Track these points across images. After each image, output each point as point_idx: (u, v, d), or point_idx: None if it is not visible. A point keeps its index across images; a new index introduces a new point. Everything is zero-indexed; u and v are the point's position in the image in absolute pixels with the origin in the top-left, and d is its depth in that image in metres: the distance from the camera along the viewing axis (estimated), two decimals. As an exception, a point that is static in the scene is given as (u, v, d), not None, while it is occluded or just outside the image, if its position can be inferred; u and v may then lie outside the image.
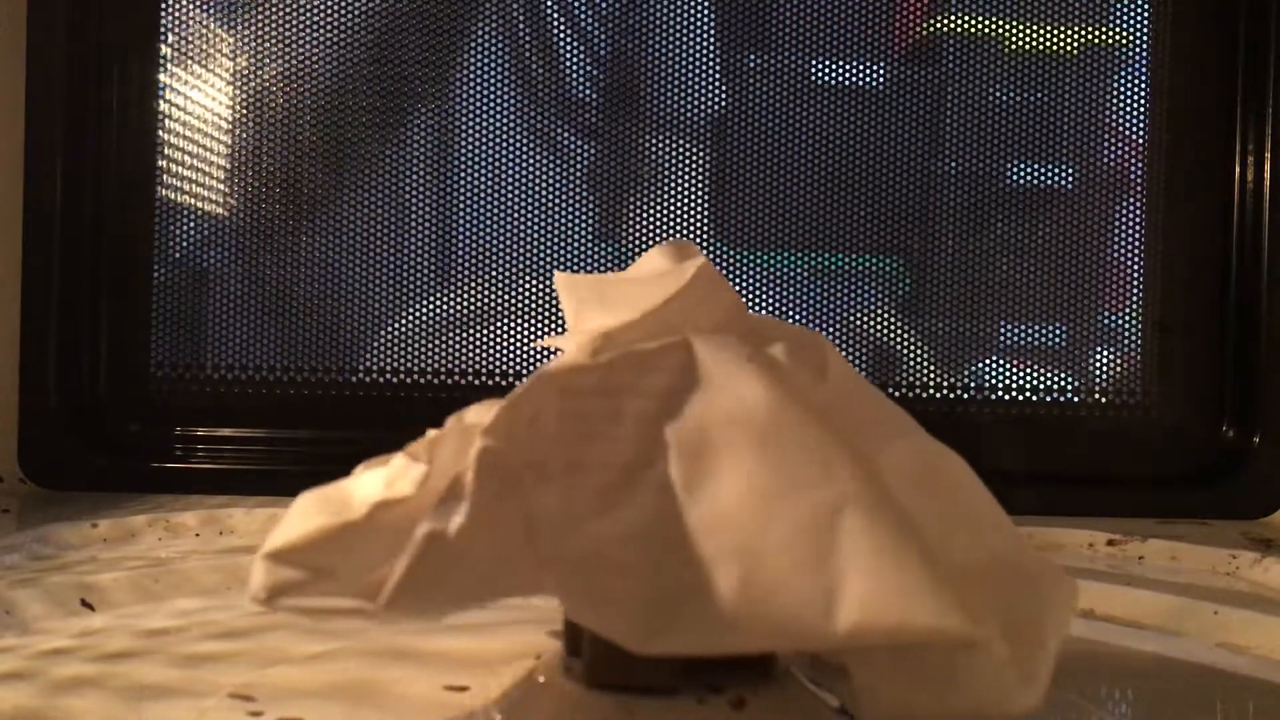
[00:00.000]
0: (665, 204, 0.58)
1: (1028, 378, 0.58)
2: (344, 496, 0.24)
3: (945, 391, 0.58)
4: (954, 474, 0.23)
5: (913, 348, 0.58)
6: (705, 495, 0.21)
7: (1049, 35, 0.58)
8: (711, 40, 0.58)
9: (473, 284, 0.57)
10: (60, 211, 0.54)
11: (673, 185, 0.58)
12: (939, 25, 0.58)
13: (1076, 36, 0.58)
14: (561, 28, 0.58)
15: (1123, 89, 0.59)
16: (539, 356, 0.56)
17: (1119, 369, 0.59)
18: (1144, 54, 0.59)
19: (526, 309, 0.57)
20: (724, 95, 0.58)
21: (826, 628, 0.19)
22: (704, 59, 0.58)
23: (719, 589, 0.20)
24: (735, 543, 0.20)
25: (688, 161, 0.58)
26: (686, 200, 0.58)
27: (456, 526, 0.21)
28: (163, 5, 0.56)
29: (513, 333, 0.57)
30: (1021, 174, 0.59)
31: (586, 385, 0.23)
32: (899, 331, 0.59)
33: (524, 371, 0.55)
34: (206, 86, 0.57)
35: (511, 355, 0.57)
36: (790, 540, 0.20)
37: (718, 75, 0.58)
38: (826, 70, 0.58)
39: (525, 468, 0.22)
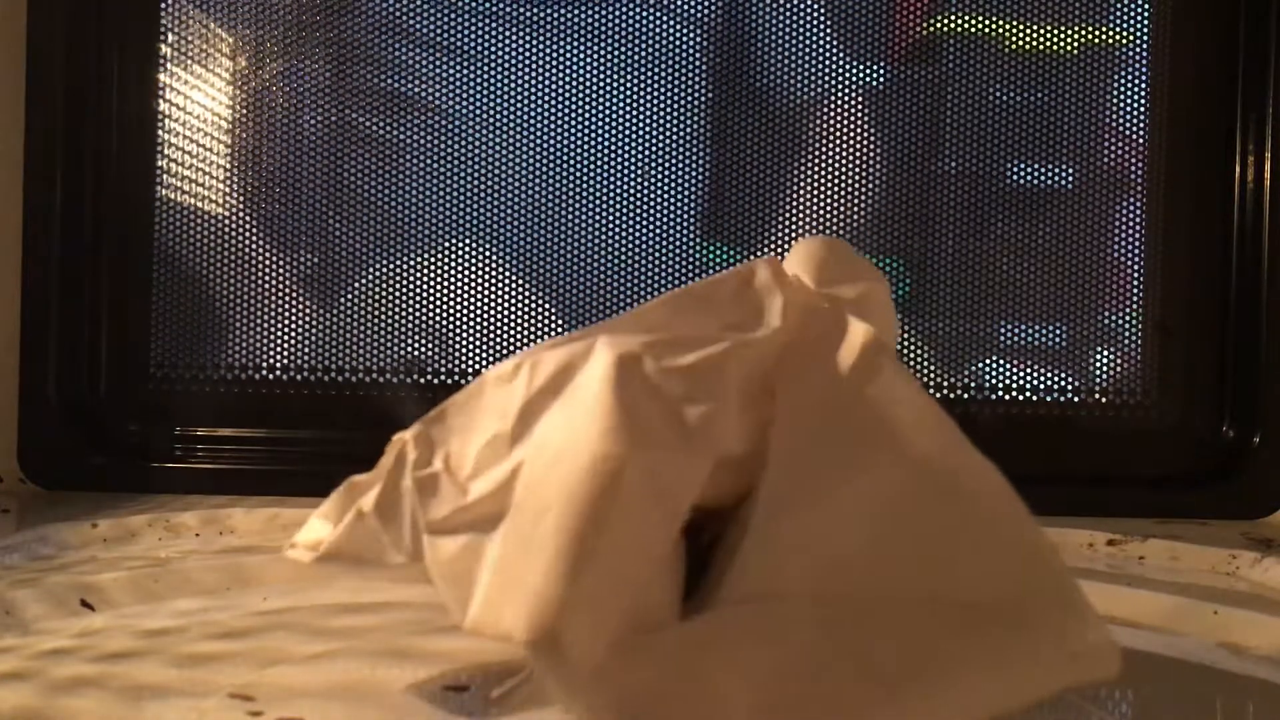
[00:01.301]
0: (664, 204, 0.58)
1: (1028, 378, 0.58)
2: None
3: (945, 391, 0.57)
4: (969, 502, 0.21)
5: (913, 348, 0.58)
6: (518, 492, 0.22)
7: (1049, 35, 0.58)
8: (710, 41, 0.58)
9: (475, 285, 0.57)
10: (60, 211, 0.54)
11: (671, 186, 0.58)
12: (939, 25, 0.58)
13: (1076, 36, 0.58)
14: (563, 32, 0.58)
15: (1123, 89, 0.59)
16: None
17: (1119, 369, 0.59)
18: (1144, 54, 0.59)
19: (528, 310, 0.57)
20: (722, 96, 0.58)
21: (464, 625, 0.21)
22: (701, 60, 0.58)
23: (478, 584, 0.22)
24: (498, 543, 0.22)
25: (686, 162, 0.58)
26: (685, 200, 0.58)
27: (369, 504, 0.26)
28: (163, 5, 0.56)
29: (514, 333, 0.57)
30: (1021, 174, 0.59)
31: (512, 384, 0.25)
32: (899, 331, 0.58)
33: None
34: (206, 86, 0.57)
35: (511, 354, 0.56)
36: (497, 543, 0.21)
37: (715, 77, 0.58)
38: (826, 70, 0.58)
39: (437, 457, 0.25)
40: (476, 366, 0.57)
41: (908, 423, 0.22)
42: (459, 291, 0.57)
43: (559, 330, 0.57)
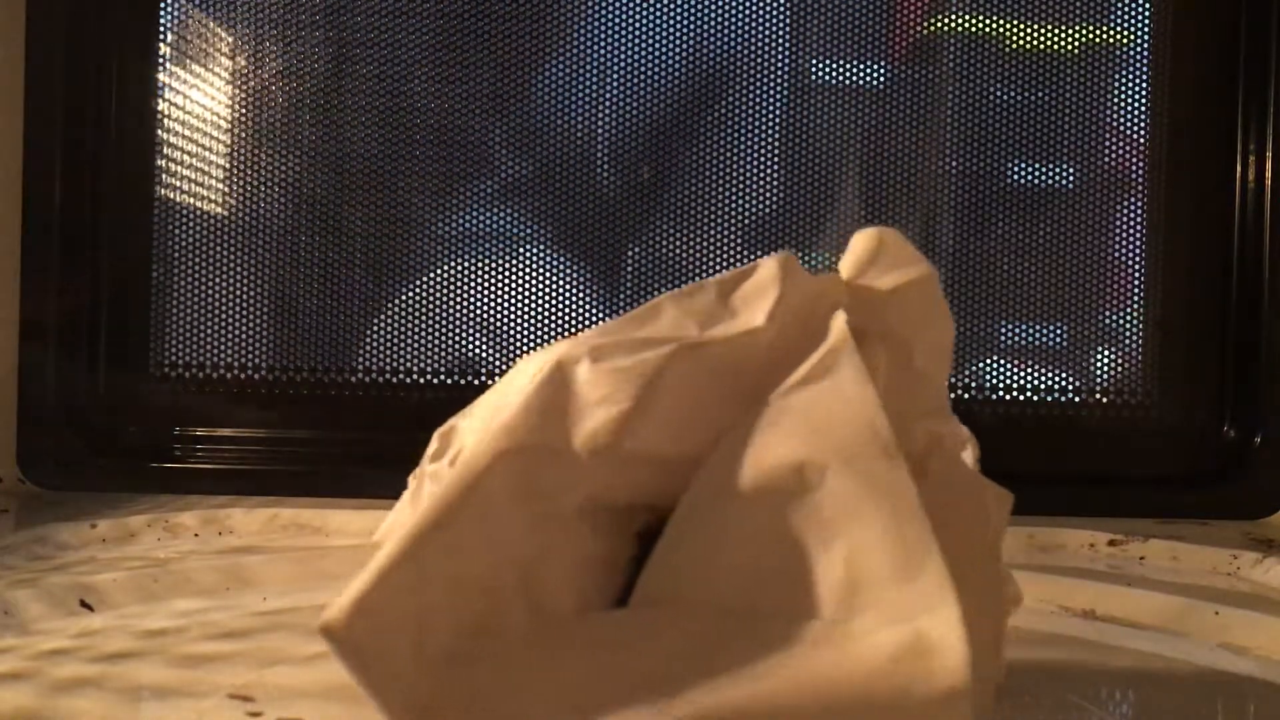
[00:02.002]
0: (664, 204, 0.58)
1: (1028, 378, 0.58)
2: None
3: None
4: (861, 521, 0.19)
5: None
6: None
7: (1049, 35, 0.58)
8: (709, 42, 0.58)
9: (474, 284, 0.57)
10: (60, 211, 0.54)
11: (669, 185, 0.58)
12: (939, 25, 0.58)
13: (1077, 36, 0.58)
14: (560, 27, 0.57)
15: (1123, 88, 0.59)
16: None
17: (1119, 369, 0.59)
18: (1144, 53, 0.59)
19: (527, 310, 0.57)
20: (722, 96, 0.58)
21: None
22: (700, 60, 0.58)
23: None
24: None
25: (685, 163, 0.58)
26: (684, 200, 0.58)
27: (401, 504, 0.32)
28: (163, 5, 0.56)
29: (514, 333, 0.57)
30: (1022, 173, 0.58)
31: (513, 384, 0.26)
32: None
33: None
34: (206, 86, 0.57)
35: (513, 356, 0.57)
36: None
37: (715, 77, 0.58)
38: (826, 70, 0.58)
39: (450, 451, 0.28)
40: (477, 367, 0.57)
41: (834, 429, 0.21)
42: (460, 292, 0.57)
43: (562, 331, 0.57)
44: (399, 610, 0.19)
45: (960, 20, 0.58)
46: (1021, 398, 0.58)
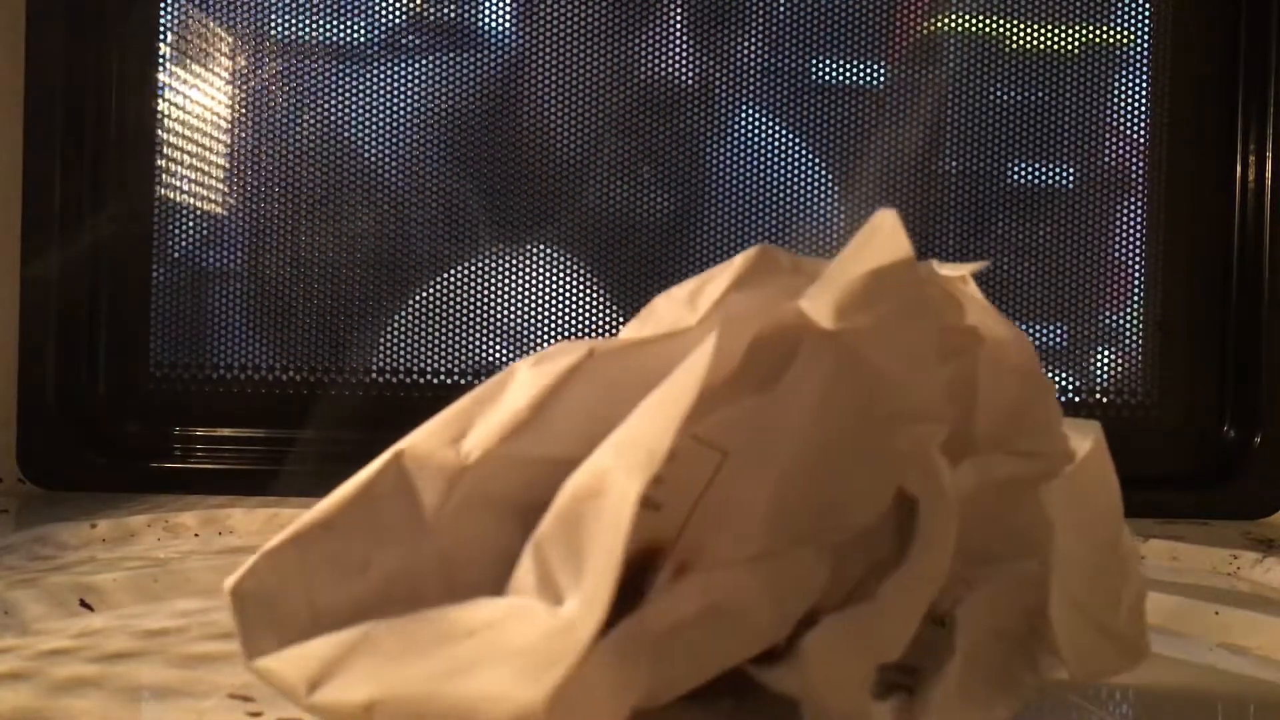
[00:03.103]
0: (661, 204, 0.58)
1: (1028, 378, 0.58)
2: None
3: (945, 391, 0.57)
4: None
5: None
6: None
7: (1050, 35, 0.58)
8: (708, 41, 0.58)
9: (473, 283, 0.57)
10: (59, 211, 0.54)
11: (669, 184, 0.58)
12: (939, 25, 0.58)
13: (1077, 36, 0.58)
14: (551, 28, 0.57)
15: (1124, 88, 0.59)
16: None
17: (1119, 369, 0.59)
18: (1144, 54, 0.59)
19: (527, 308, 0.57)
20: (722, 96, 0.58)
21: None
22: (699, 59, 0.58)
23: None
24: None
25: (684, 161, 0.58)
26: (685, 199, 0.58)
27: None
28: (163, 5, 0.56)
29: (513, 332, 0.57)
30: (1022, 173, 0.58)
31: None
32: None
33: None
34: (206, 86, 0.57)
35: (511, 355, 0.57)
36: None
37: (715, 77, 0.58)
38: (826, 70, 0.58)
39: None
40: (478, 367, 0.57)
41: (639, 436, 0.21)
42: (463, 292, 0.57)
43: (564, 332, 0.57)
44: (285, 579, 0.22)
45: (960, 20, 0.58)
46: (1021, 398, 0.58)
